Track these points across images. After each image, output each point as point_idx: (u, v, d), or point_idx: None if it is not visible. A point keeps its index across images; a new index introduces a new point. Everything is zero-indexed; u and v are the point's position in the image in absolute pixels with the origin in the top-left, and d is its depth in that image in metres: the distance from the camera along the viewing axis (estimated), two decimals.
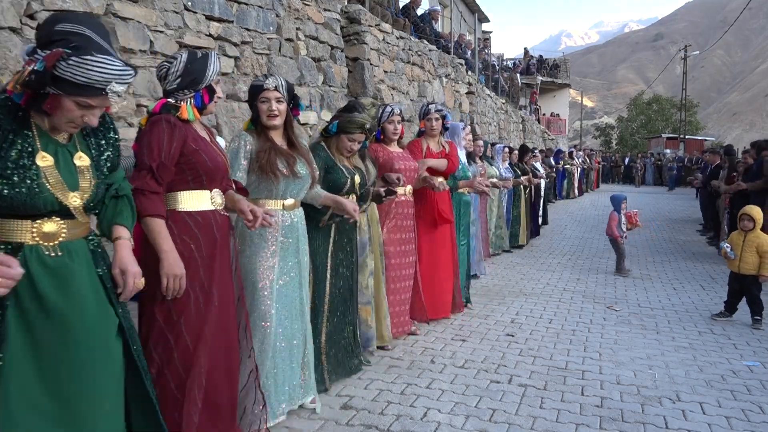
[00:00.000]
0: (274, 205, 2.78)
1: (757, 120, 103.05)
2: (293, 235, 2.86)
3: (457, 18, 19.63)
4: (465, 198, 5.24)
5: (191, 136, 2.26)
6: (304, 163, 2.85)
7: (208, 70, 2.31)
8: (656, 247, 9.40)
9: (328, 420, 2.96)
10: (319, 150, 3.35)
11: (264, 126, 2.78)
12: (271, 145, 2.74)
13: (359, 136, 3.37)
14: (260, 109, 2.76)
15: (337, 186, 3.33)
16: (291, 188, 2.80)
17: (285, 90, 2.78)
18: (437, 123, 4.57)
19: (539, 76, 30.57)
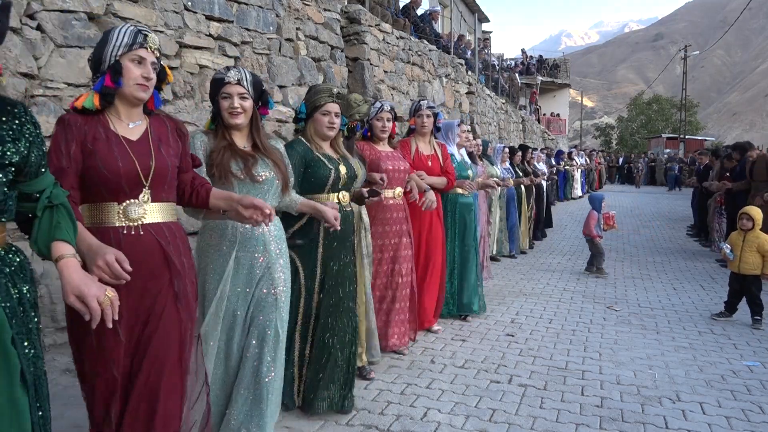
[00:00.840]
0: None
1: (757, 120, 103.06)
2: (256, 247, 2.44)
3: (457, 18, 19.63)
4: (463, 200, 4.88)
5: (91, 134, 1.85)
6: (268, 165, 2.46)
7: (108, 46, 1.87)
8: (656, 247, 9.40)
9: (328, 420, 2.96)
10: (295, 144, 2.97)
11: (225, 125, 2.44)
12: (226, 144, 2.40)
13: (333, 107, 2.96)
14: (221, 105, 2.42)
15: (319, 181, 2.94)
16: (251, 194, 2.36)
17: (250, 84, 2.42)
18: (429, 120, 4.32)
19: (539, 76, 30.58)
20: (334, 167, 2.98)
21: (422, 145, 4.37)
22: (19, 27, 3.18)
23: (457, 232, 4.85)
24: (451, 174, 4.45)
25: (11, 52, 3.11)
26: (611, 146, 46.15)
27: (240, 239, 2.40)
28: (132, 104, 1.92)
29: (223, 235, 2.40)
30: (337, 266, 3.03)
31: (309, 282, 2.95)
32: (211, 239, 2.41)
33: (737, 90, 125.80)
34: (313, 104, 2.97)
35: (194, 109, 4.43)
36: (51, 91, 3.33)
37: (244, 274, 2.41)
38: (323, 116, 2.96)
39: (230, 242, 2.39)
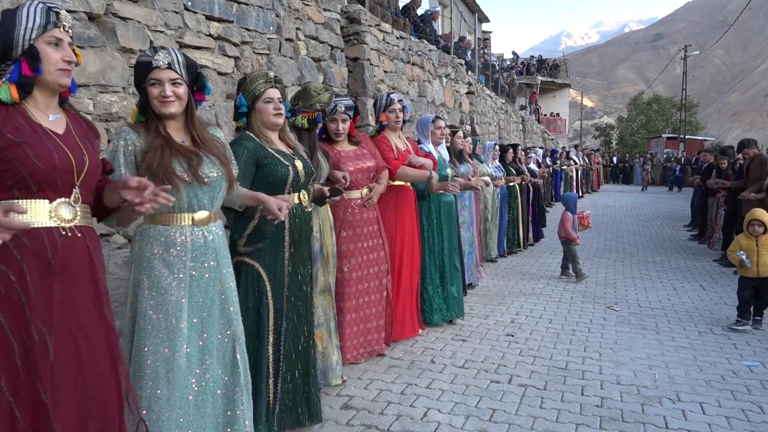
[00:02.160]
0: (179, 221, 2.10)
1: (757, 120, 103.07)
2: (208, 257, 2.15)
3: (457, 18, 19.63)
4: (446, 198, 4.69)
5: (12, 125, 1.63)
6: (214, 162, 2.15)
7: (17, 29, 1.64)
8: (656, 247, 9.40)
9: (328, 420, 2.96)
10: (243, 140, 2.65)
11: (156, 116, 2.09)
12: (163, 141, 2.05)
13: (274, 92, 2.69)
14: (149, 93, 2.06)
15: (277, 180, 2.65)
16: (199, 197, 2.11)
17: (183, 68, 2.08)
18: (401, 114, 4.13)
19: (539, 76, 30.59)
20: (290, 163, 2.70)
21: (397, 141, 4.21)
22: None
23: (445, 233, 4.69)
24: (432, 155, 4.38)
25: None
26: (611, 146, 46.13)
27: (191, 247, 2.11)
28: (53, 92, 1.74)
29: (169, 242, 2.09)
30: (302, 270, 2.80)
31: (277, 290, 2.68)
32: (154, 248, 2.08)
33: (737, 90, 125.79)
34: (252, 94, 2.68)
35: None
36: None
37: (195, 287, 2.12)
38: (266, 104, 2.67)
39: (180, 251, 2.08)
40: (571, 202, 6.97)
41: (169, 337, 2.04)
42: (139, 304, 2.06)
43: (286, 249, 2.71)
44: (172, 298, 2.06)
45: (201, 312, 2.12)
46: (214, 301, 2.16)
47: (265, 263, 2.64)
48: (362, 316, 3.68)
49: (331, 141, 3.62)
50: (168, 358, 2.04)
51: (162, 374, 2.03)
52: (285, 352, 2.71)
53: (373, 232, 3.69)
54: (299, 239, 2.77)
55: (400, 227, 4.13)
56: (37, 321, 1.61)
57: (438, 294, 4.62)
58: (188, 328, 2.08)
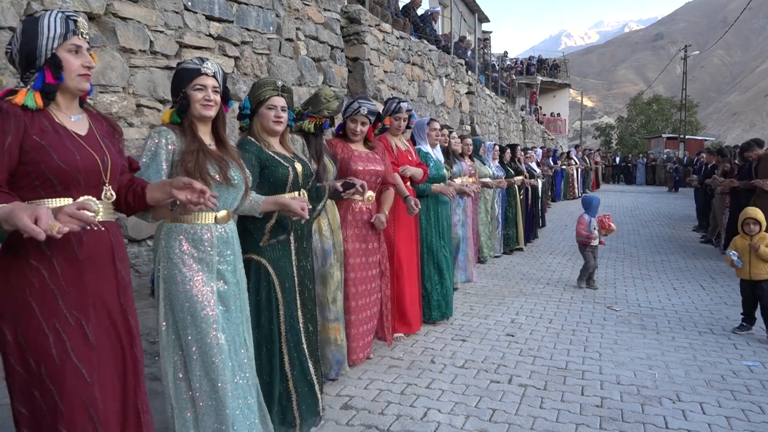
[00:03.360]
0: (203, 219, 2.25)
1: (757, 120, 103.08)
2: (229, 252, 2.34)
3: (457, 18, 19.63)
4: (443, 198, 4.81)
5: (38, 127, 1.72)
6: (236, 167, 2.35)
7: (40, 38, 1.74)
8: (656, 247, 9.40)
9: (328, 420, 2.96)
10: (247, 144, 2.76)
11: (194, 119, 2.27)
12: (199, 145, 2.23)
13: (279, 100, 2.79)
14: (193, 97, 2.23)
15: (278, 181, 2.77)
16: (224, 197, 2.29)
17: (221, 80, 2.32)
18: (404, 123, 4.29)
19: (539, 76, 30.59)
20: (290, 165, 2.80)
21: (398, 142, 4.32)
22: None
23: (441, 231, 4.77)
24: (424, 165, 4.43)
25: None
26: (611, 146, 46.14)
27: (216, 242, 2.27)
28: (73, 96, 1.85)
29: (197, 239, 2.23)
30: (304, 264, 2.93)
31: (285, 283, 2.79)
32: (183, 245, 2.21)
33: (737, 90, 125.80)
34: (257, 99, 2.79)
35: None
36: None
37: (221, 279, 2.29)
38: (269, 110, 2.78)
39: (207, 246, 2.24)
40: (595, 204, 6.43)
41: (207, 323, 2.20)
42: (174, 299, 2.20)
43: (292, 245, 2.84)
44: (204, 289, 2.22)
45: (226, 300, 2.30)
46: (234, 291, 2.34)
47: (273, 260, 2.75)
48: (363, 318, 3.66)
49: (347, 139, 3.70)
50: (210, 344, 2.19)
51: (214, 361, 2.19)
52: (295, 342, 2.82)
53: (373, 235, 3.72)
54: (302, 234, 2.91)
55: (398, 228, 4.16)
56: (73, 310, 1.73)
57: (437, 291, 4.68)
58: (220, 314, 2.25)
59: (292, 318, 2.82)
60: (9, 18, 3.12)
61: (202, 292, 2.21)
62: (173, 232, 2.22)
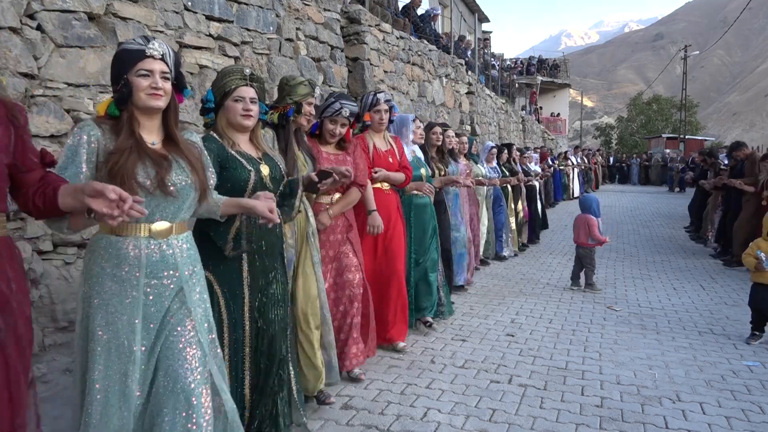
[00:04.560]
0: (133, 231, 1.87)
1: (757, 120, 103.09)
2: (168, 274, 1.91)
3: (457, 18, 19.63)
4: (418, 201, 4.43)
5: None
6: (184, 168, 1.94)
7: None
8: (656, 247, 9.40)
9: (328, 420, 2.96)
10: (206, 142, 2.36)
11: (137, 111, 1.90)
12: (134, 142, 1.85)
13: (247, 91, 2.43)
14: (136, 84, 1.86)
15: (236, 185, 2.39)
16: (163, 207, 1.90)
17: (172, 62, 1.94)
18: (386, 115, 3.92)
19: (539, 76, 30.58)
20: (254, 168, 2.43)
21: (378, 141, 3.97)
22: (19, 27, 3.17)
23: (414, 235, 4.41)
24: (409, 169, 4.11)
25: (11, 52, 3.11)
26: (611, 146, 46.15)
27: (145, 261, 1.87)
28: None
29: (121, 256, 1.86)
30: (265, 284, 2.51)
31: (233, 307, 2.43)
32: (104, 262, 1.85)
33: (737, 90, 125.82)
34: (221, 90, 2.43)
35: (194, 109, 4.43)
36: (51, 92, 3.32)
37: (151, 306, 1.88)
38: (236, 103, 2.42)
39: (132, 266, 1.85)
40: (595, 205, 6.36)
41: (121, 360, 1.82)
42: (90, 323, 1.85)
43: (245, 260, 2.44)
44: (123, 318, 1.83)
45: (155, 334, 1.89)
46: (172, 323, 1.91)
47: (220, 276, 2.40)
48: (336, 327, 3.38)
49: (319, 139, 3.40)
50: (120, 383, 1.82)
51: (114, 402, 1.81)
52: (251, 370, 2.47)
53: (342, 240, 3.44)
54: (260, 250, 2.48)
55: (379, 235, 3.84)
56: None
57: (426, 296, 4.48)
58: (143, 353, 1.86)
59: (237, 345, 2.45)
60: (9, 18, 3.11)
61: (120, 324, 1.82)
62: (96, 245, 1.88)
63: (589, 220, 6.28)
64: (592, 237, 6.24)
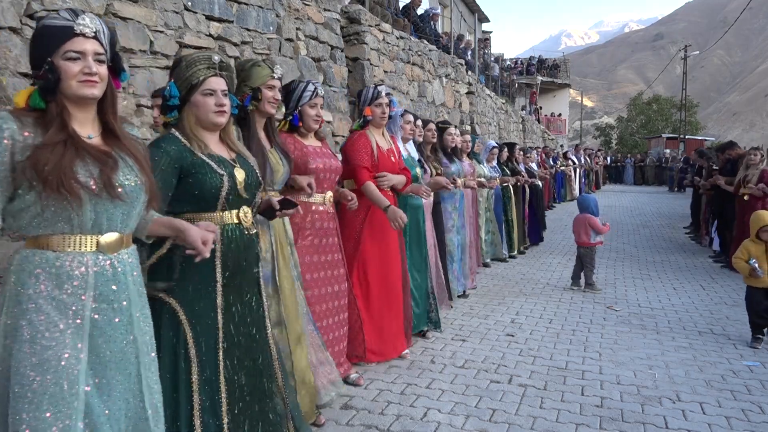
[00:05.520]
0: (77, 245, 1.54)
1: (757, 120, 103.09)
2: (118, 296, 1.60)
3: (457, 18, 19.63)
4: (413, 201, 4.15)
5: None
6: (132, 167, 1.64)
7: None
8: (656, 247, 9.40)
9: (328, 420, 2.96)
10: (164, 142, 2.01)
11: (67, 102, 1.56)
12: (66, 136, 1.52)
13: (218, 82, 2.06)
14: (65, 70, 1.52)
15: (207, 194, 2.02)
16: (110, 213, 1.58)
17: (108, 42, 1.61)
18: (388, 109, 3.72)
19: (539, 76, 30.58)
20: (227, 172, 2.05)
21: (380, 139, 3.72)
22: (19, 27, 3.17)
23: (411, 238, 4.18)
24: (407, 170, 3.89)
25: (11, 52, 3.11)
26: (611, 146, 46.15)
27: (94, 282, 1.55)
28: None
29: (62, 275, 1.52)
30: (240, 309, 2.14)
31: (203, 336, 2.01)
32: (40, 284, 1.51)
33: (737, 90, 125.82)
34: (187, 82, 2.04)
35: None
36: None
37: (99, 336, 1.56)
38: (206, 97, 2.04)
39: (78, 287, 1.53)
40: (592, 204, 6.38)
41: (58, 408, 1.45)
42: (14, 362, 1.46)
43: (218, 283, 2.05)
44: (65, 353, 1.48)
45: (106, 369, 1.56)
46: (125, 354, 1.61)
47: (185, 301, 1.98)
48: (329, 341, 3.20)
49: (296, 132, 3.08)
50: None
51: None
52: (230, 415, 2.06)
53: (333, 245, 3.20)
54: (237, 269, 2.11)
55: (374, 237, 3.66)
56: None
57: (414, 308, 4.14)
58: (90, 394, 1.51)
59: (211, 388, 2.01)
60: (9, 18, 3.11)
61: (59, 360, 1.48)
62: (28, 263, 1.53)
63: (589, 219, 6.30)
64: (595, 230, 6.24)
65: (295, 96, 3.03)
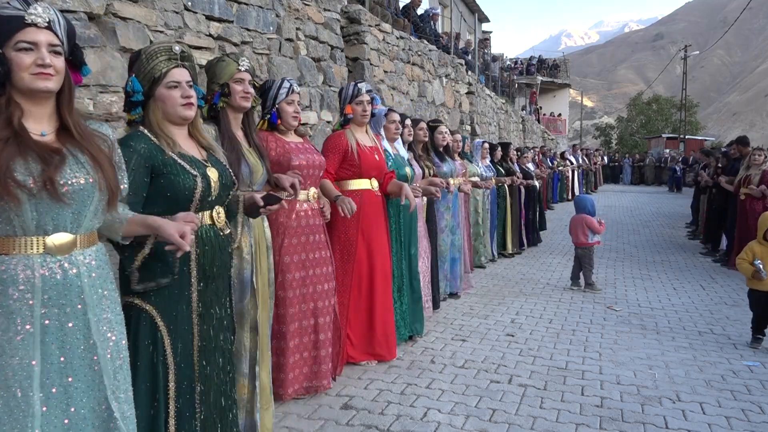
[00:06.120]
0: (21, 248, 1.47)
1: (757, 120, 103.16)
2: (71, 300, 1.52)
3: (457, 18, 19.63)
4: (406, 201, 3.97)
5: None
6: (84, 164, 1.55)
7: None
8: (656, 247, 9.40)
9: (328, 420, 2.96)
10: (132, 140, 1.93)
11: (18, 96, 1.50)
12: (11, 133, 1.45)
13: (182, 73, 1.98)
14: (17, 61, 1.46)
15: (179, 195, 1.95)
16: (55, 213, 1.50)
17: (64, 32, 1.54)
18: (369, 107, 3.66)
19: (539, 76, 30.59)
20: (199, 173, 1.97)
21: (361, 137, 3.66)
22: None
23: (403, 240, 4.10)
24: (392, 172, 3.90)
25: None
26: (611, 146, 46.17)
27: (42, 286, 1.47)
28: None
29: (6, 280, 1.45)
30: (217, 312, 2.10)
31: (180, 342, 1.95)
32: None
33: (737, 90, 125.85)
34: (149, 76, 1.94)
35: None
36: None
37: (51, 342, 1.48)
38: (170, 90, 1.96)
39: (24, 291, 1.46)
40: (589, 204, 6.40)
41: (13, 417, 1.40)
42: None
43: (194, 286, 1.99)
44: (14, 360, 1.42)
45: (63, 377, 1.48)
46: (84, 360, 1.52)
47: (162, 306, 1.92)
48: (305, 343, 3.12)
49: (276, 130, 3.04)
50: None
51: None
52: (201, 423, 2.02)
53: (320, 242, 3.14)
54: (212, 272, 2.05)
55: (363, 236, 3.61)
56: None
57: (396, 310, 4.01)
58: (44, 401, 1.44)
59: (189, 393, 1.97)
60: None
61: (8, 365, 1.42)
62: None
63: (586, 219, 6.31)
64: (592, 231, 6.25)
65: (271, 94, 3.01)
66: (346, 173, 3.63)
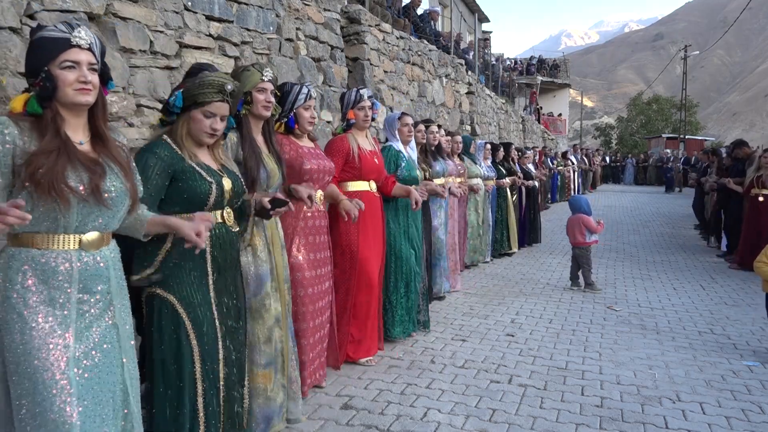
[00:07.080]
0: (60, 244, 1.68)
1: (757, 120, 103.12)
2: (100, 288, 1.75)
3: (457, 18, 19.63)
4: (403, 201, 4.18)
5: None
6: (117, 173, 1.77)
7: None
8: (656, 247, 9.40)
9: (328, 420, 2.96)
10: (156, 148, 2.17)
11: (62, 108, 1.69)
12: (60, 143, 1.64)
13: (221, 108, 2.22)
14: (62, 78, 1.65)
15: (196, 198, 2.18)
16: (94, 216, 1.72)
17: (99, 53, 1.75)
18: (371, 112, 3.77)
19: (539, 76, 30.58)
20: (215, 180, 2.22)
21: (362, 141, 3.79)
22: (19, 27, 3.17)
23: (411, 237, 4.21)
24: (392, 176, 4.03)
25: (11, 52, 3.11)
26: (611, 146, 46.16)
27: (78, 276, 1.70)
28: None
29: (48, 271, 1.66)
30: (227, 302, 2.32)
31: (202, 327, 2.17)
32: (27, 279, 1.64)
33: (737, 90, 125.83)
34: (193, 98, 2.19)
35: None
36: None
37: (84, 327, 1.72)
38: (204, 118, 2.20)
39: (63, 281, 1.68)
40: (584, 204, 6.52)
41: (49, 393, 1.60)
42: (8, 353, 1.62)
43: (210, 276, 2.24)
44: (57, 340, 1.64)
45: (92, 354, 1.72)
46: (108, 337, 1.77)
47: (183, 295, 2.15)
48: (318, 339, 3.24)
49: (296, 134, 3.18)
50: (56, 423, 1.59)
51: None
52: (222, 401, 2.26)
53: (324, 243, 3.27)
54: (223, 265, 2.29)
55: (363, 236, 3.68)
56: None
57: (401, 305, 4.13)
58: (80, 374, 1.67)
59: (214, 375, 2.20)
60: (9, 18, 3.11)
61: (49, 347, 1.61)
62: (15, 260, 1.66)
63: (583, 219, 6.37)
64: (589, 230, 6.30)
65: (290, 99, 3.11)
66: (347, 175, 3.75)
